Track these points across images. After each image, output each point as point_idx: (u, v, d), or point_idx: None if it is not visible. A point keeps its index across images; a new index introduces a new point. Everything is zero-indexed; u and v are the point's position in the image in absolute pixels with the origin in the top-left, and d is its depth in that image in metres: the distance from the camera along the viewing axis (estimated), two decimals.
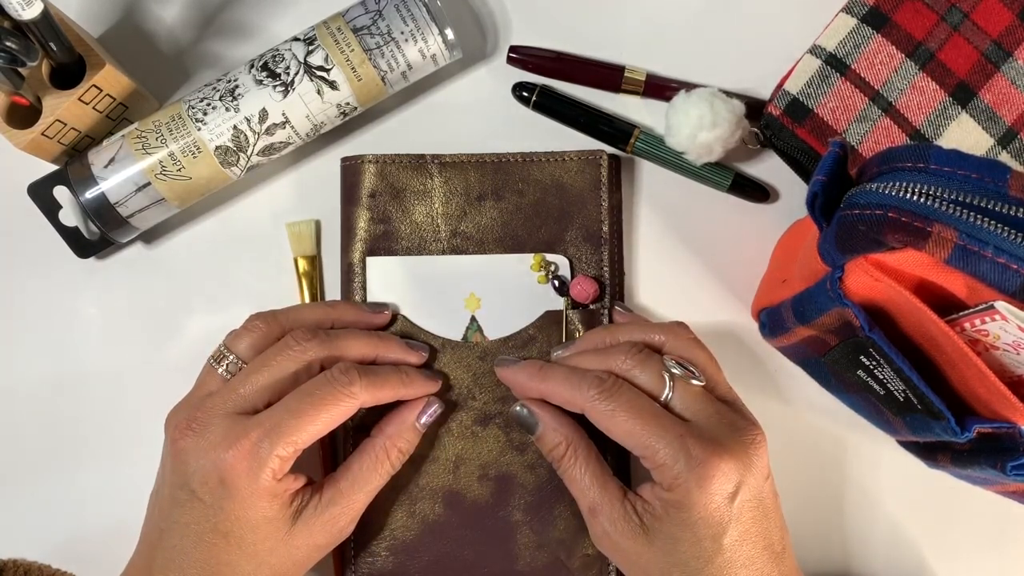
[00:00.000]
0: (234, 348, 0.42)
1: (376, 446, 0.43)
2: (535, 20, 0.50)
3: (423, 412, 0.44)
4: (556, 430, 0.42)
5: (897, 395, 0.37)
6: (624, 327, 0.43)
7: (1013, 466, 0.35)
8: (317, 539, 0.40)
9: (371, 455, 0.42)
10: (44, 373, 0.49)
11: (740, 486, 0.37)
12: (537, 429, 0.42)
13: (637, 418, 0.38)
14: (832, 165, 0.35)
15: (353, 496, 0.41)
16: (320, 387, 0.40)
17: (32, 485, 0.48)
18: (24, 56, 0.40)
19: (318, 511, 0.40)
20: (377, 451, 0.43)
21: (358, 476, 0.42)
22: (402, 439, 0.43)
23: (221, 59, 0.50)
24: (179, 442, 0.39)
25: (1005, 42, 0.45)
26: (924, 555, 0.47)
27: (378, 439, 0.43)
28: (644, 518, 0.39)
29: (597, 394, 0.39)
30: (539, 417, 0.42)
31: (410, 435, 0.44)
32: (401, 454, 0.43)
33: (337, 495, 0.41)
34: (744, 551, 0.38)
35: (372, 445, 0.43)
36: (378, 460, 0.42)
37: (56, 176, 0.46)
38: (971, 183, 0.32)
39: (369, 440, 0.43)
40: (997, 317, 0.32)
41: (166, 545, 0.39)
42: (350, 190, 0.48)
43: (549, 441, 0.42)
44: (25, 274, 0.49)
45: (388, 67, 0.46)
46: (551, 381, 0.41)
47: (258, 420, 0.39)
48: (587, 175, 0.47)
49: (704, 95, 0.46)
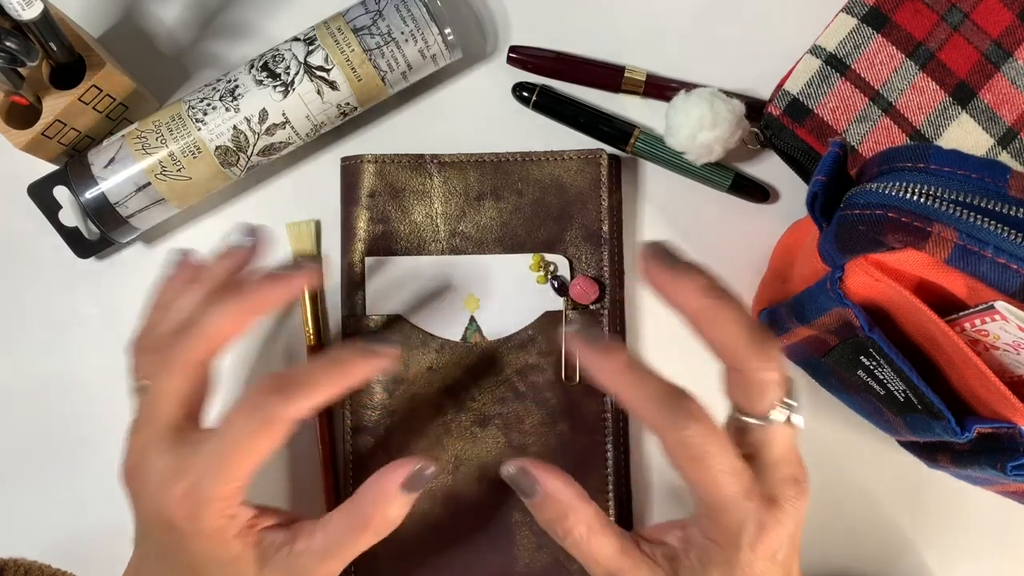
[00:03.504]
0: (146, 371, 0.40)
1: (354, 514, 0.38)
2: (535, 20, 0.50)
3: (404, 480, 0.38)
4: (559, 501, 0.36)
5: (897, 395, 0.37)
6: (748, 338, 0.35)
7: (1013, 466, 0.35)
8: None
9: (349, 521, 0.38)
10: (44, 373, 0.49)
11: (785, 542, 0.35)
12: (535, 496, 0.37)
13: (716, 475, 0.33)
14: (832, 165, 0.35)
15: (325, 558, 0.37)
16: (235, 421, 0.36)
17: (32, 485, 0.48)
18: (24, 56, 0.40)
19: (288, 562, 0.37)
20: (355, 520, 0.38)
21: (333, 539, 0.37)
22: (385, 514, 0.38)
23: (221, 59, 0.50)
24: (128, 487, 0.38)
25: (1005, 42, 0.45)
26: (924, 555, 0.47)
27: (358, 509, 0.38)
28: (673, 568, 0.36)
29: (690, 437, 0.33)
30: (542, 483, 0.37)
31: (392, 504, 0.38)
32: (386, 522, 0.38)
33: (308, 552, 0.37)
34: None
35: (353, 513, 0.38)
36: (358, 528, 0.37)
37: (56, 176, 0.46)
38: (971, 183, 0.32)
39: (351, 504, 0.38)
40: (997, 317, 0.32)
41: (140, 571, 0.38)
42: (350, 190, 0.48)
43: (551, 512, 0.36)
44: (25, 274, 0.49)
45: (388, 67, 0.46)
46: (636, 396, 0.35)
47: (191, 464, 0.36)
48: (587, 175, 0.47)
49: (704, 95, 0.46)
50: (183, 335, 0.38)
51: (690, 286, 0.34)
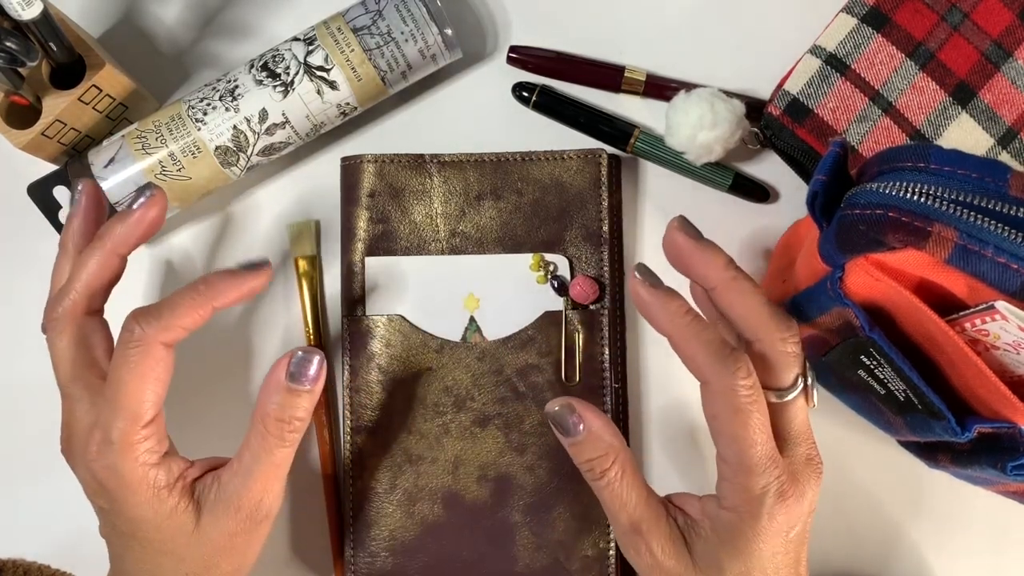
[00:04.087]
0: None
1: (256, 424, 0.39)
2: (535, 20, 0.50)
3: (288, 365, 0.38)
4: (601, 440, 0.37)
5: (897, 395, 0.37)
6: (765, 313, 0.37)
7: (1013, 466, 0.35)
8: (226, 525, 0.38)
9: (254, 434, 0.39)
10: (44, 373, 0.49)
11: (799, 521, 0.36)
12: (577, 435, 0.38)
13: (753, 432, 0.35)
14: (832, 165, 0.35)
15: (248, 478, 0.38)
16: (116, 359, 0.38)
17: (32, 485, 0.48)
18: (24, 56, 0.40)
19: (218, 497, 0.38)
20: (258, 429, 0.39)
21: (247, 457, 0.39)
22: (274, 405, 0.38)
23: (221, 59, 0.50)
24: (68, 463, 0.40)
25: (1005, 42, 0.45)
26: (924, 555, 0.47)
27: (256, 416, 0.39)
28: (688, 535, 0.37)
29: (741, 386, 0.34)
30: (585, 422, 0.37)
31: (283, 398, 0.38)
32: (284, 423, 0.38)
33: (232, 478, 0.38)
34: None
35: (253, 422, 0.39)
36: (262, 438, 0.38)
37: (56, 176, 0.46)
38: (971, 183, 0.32)
39: (254, 415, 0.39)
40: (997, 317, 0.32)
41: (112, 556, 0.40)
42: (350, 190, 0.48)
43: (592, 451, 0.37)
44: (25, 274, 0.49)
45: (388, 67, 0.46)
46: (693, 342, 0.36)
47: (94, 417, 0.38)
48: (587, 174, 0.47)
49: (704, 95, 0.46)
50: (58, 295, 0.39)
51: (716, 260, 0.37)
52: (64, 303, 0.39)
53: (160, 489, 0.38)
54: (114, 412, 0.37)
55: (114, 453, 0.37)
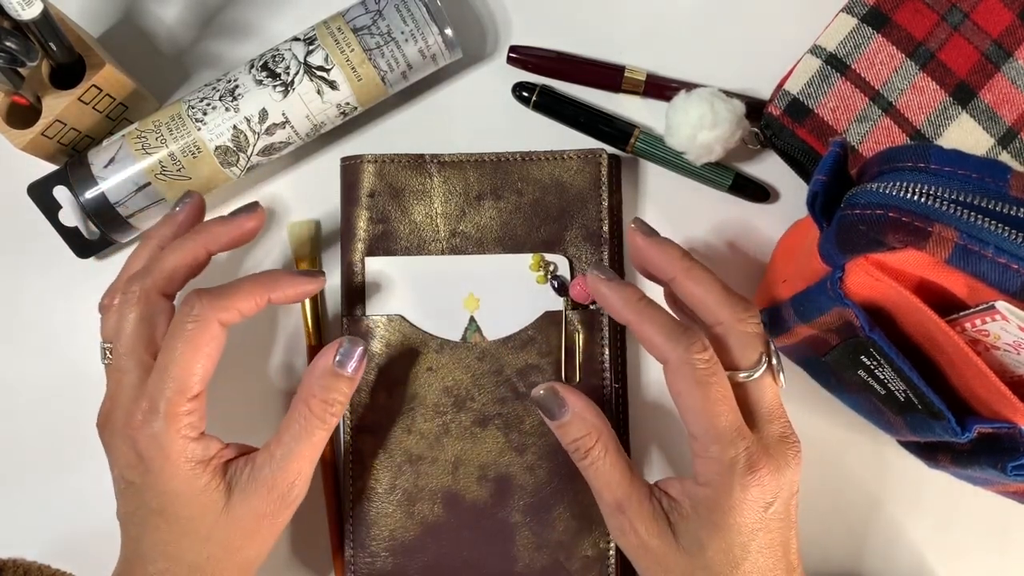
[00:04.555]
0: (106, 338, 0.41)
1: (296, 401, 0.40)
2: (535, 20, 0.50)
3: (336, 353, 0.40)
4: (584, 420, 0.39)
5: (898, 395, 0.37)
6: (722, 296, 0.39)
7: (1013, 466, 0.35)
8: (257, 506, 0.39)
9: (296, 414, 0.40)
10: (44, 373, 0.49)
11: (777, 497, 0.37)
12: (563, 416, 0.40)
13: (716, 403, 0.36)
14: (832, 165, 0.35)
15: (286, 458, 0.39)
16: (172, 331, 0.39)
17: (32, 485, 0.48)
18: (24, 56, 0.40)
19: (252, 477, 0.39)
20: (299, 406, 0.40)
21: (287, 437, 0.40)
22: (319, 387, 0.40)
23: (221, 59, 0.50)
24: (101, 438, 0.40)
25: (1005, 42, 0.45)
26: (924, 555, 0.47)
27: (299, 397, 0.40)
28: (671, 516, 0.38)
29: (697, 359, 0.36)
30: (568, 403, 0.40)
31: (328, 381, 0.40)
32: (327, 405, 0.40)
33: (269, 460, 0.39)
34: (766, 561, 0.37)
35: (295, 402, 0.40)
36: (302, 416, 0.40)
37: (56, 176, 0.46)
38: (971, 183, 0.32)
39: (294, 400, 0.41)
40: (997, 317, 0.32)
41: (128, 538, 0.40)
42: (350, 190, 0.48)
43: (575, 431, 0.39)
44: (25, 274, 0.49)
45: (388, 67, 0.46)
46: (648, 323, 0.38)
47: (142, 390, 0.39)
48: (587, 174, 0.47)
49: (704, 95, 0.46)
50: (140, 272, 0.41)
51: (670, 252, 0.40)
52: (145, 280, 0.40)
53: (196, 464, 0.38)
54: (164, 382, 0.38)
55: (159, 422, 0.38)
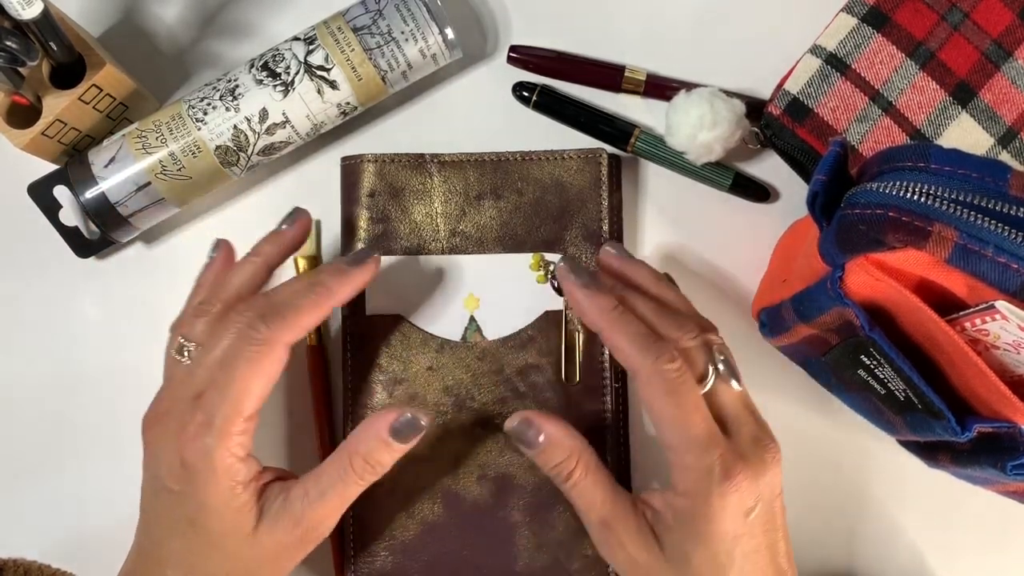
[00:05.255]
0: (191, 335, 0.41)
1: (342, 450, 0.40)
2: (535, 20, 0.50)
3: (393, 422, 0.40)
4: (561, 444, 0.39)
5: (897, 394, 0.37)
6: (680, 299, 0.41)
7: (1013, 466, 0.35)
8: (281, 538, 0.39)
9: (338, 463, 0.40)
10: (44, 373, 0.49)
11: (757, 501, 0.37)
12: (539, 445, 0.39)
13: (687, 413, 0.36)
14: (832, 164, 0.35)
15: (317, 501, 0.39)
16: (238, 349, 0.38)
17: (32, 485, 0.48)
18: (24, 56, 0.40)
19: (283, 508, 0.39)
20: (343, 461, 0.40)
21: (323, 481, 0.40)
22: (367, 450, 0.40)
23: (221, 59, 0.50)
24: (147, 434, 0.40)
25: (1005, 42, 0.45)
26: (924, 555, 0.47)
27: (347, 450, 0.40)
28: (656, 528, 0.38)
29: (667, 370, 0.37)
30: (543, 431, 0.39)
31: (377, 447, 0.40)
32: (369, 467, 0.40)
33: (303, 496, 0.39)
34: (753, 567, 0.37)
35: (342, 453, 0.40)
36: (344, 470, 0.40)
37: (56, 176, 0.46)
38: (971, 182, 0.32)
39: (341, 447, 0.40)
40: (997, 317, 0.32)
41: (150, 540, 0.40)
42: (350, 190, 0.48)
43: (554, 456, 0.39)
44: (25, 274, 0.49)
45: (388, 67, 0.46)
46: (620, 333, 0.38)
47: (201, 403, 0.39)
48: (587, 174, 0.47)
49: (704, 95, 0.46)
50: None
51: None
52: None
53: (237, 483, 0.38)
54: (223, 399, 0.38)
55: (212, 437, 0.38)
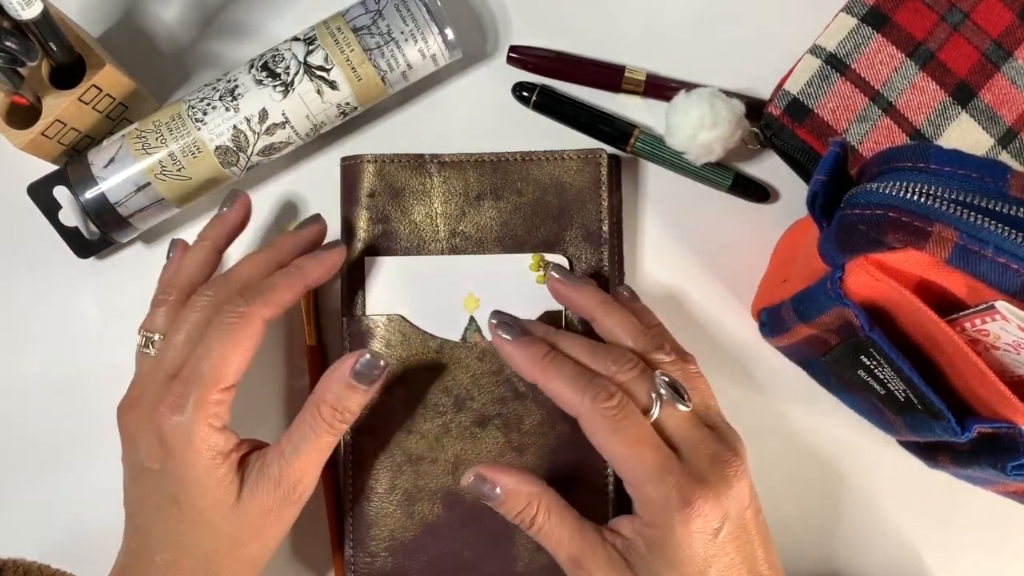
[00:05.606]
0: (153, 327, 0.42)
1: (309, 402, 0.41)
2: (535, 20, 0.50)
3: (353, 365, 0.40)
4: (519, 493, 0.39)
5: (897, 395, 0.37)
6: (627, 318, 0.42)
7: (1013, 466, 0.35)
8: (263, 501, 0.40)
9: (307, 416, 0.40)
10: (44, 373, 0.49)
11: (724, 521, 0.37)
12: (496, 497, 0.40)
13: (634, 446, 0.37)
14: (832, 165, 0.35)
15: (292, 456, 0.40)
16: (217, 319, 0.40)
17: (32, 485, 0.48)
18: (24, 56, 0.40)
19: (261, 472, 0.40)
20: (312, 412, 0.40)
21: (295, 437, 0.40)
22: (334, 397, 0.40)
23: (221, 59, 0.50)
24: (122, 421, 0.41)
25: (1005, 42, 0.45)
26: (924, 555, 0.47)
27: (313, 401, 0.41)
28: (628, 556, 0.38)
29: (605, 409, 0.37)
30: (499, 484, 0.40)
31: (342, 392, 0.40)
32: (338, 413, 0.40)
33: (279, 456, 0.40)
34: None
35: (308, 405, 0.41)
36: (314, 421, 0.40)
37: (56, 176, 0.46)
38: (971, 183, 0.32)
39: (308, 400, 0.41)
40: (997, 317, 0.32)
41: (136, 529, 0.40)
42: (350, 190, 0.48)
43: (515, 506, 0.39)
44: (25, 274, 0.49)
45: (388, 67, 0.46)
46: (555, 379, 0.39)
47: (177, 378, 0.39)
48: (587, 174, 0.47)
49: (704, 95, 0.46)
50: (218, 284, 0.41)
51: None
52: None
53: (216, 454, 0.39)
54: (199, 371, 0.39)
55: (188, 409, 0.38)
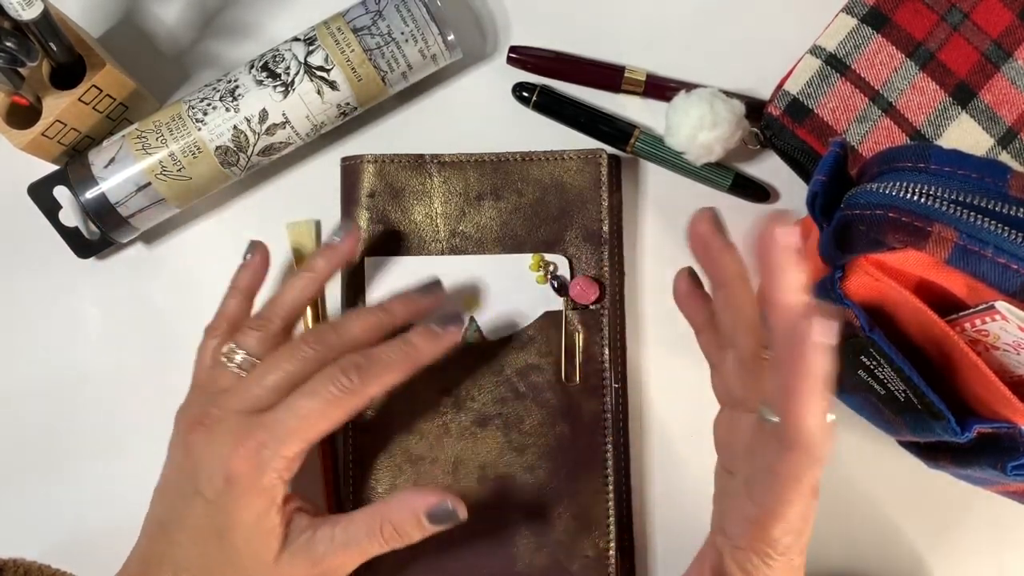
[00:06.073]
0: (244, 345, 0.42)
1: (376, 517, 0.40)
2: (535, 20, 0.50)
3: (431, 507, 0.40)
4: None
5: (897, 395, 0.37)
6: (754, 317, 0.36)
7: (1013, 466, 0.35)
8: (298, 570, 0.39)
9: (369, 521, 0.40)
10: (44, 373, 0.49)
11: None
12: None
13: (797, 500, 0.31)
14: (832, 165, 0.35)
15: (340, 548, 0.40)
16: (322, 387, 0.39)
17: (32, 485, 0.48)
18: (24, 56, 0.40)
19: (307, 544, 0.39)
20: (375, 522, 0.40)
21: (351, 532, 0.40)
22: (399, 521, 0.40)
23: (221, 59, 0.50)
24: (189, 436, 0.40)
25: (1005, 42, 0.45)
26: (923, 555, 0.47)
27: (381, 513, 0.40)
28: None
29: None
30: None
31: (409, 522, 0.40)
32: (396, 536, 0.40)
33: (329, 539, 0.40)
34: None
35: (375, 514, 0.40)
36: (372, 531, 0.40)
37: (56, 176, 0.46)
38: (971, 183, 0.32)
39: (375, 507, 0.41)
40: (997, 317, 0.32)
41: (167, 539, 0.39)
42: (350, 190, 0.48)
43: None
44: (25, 274, 0.49)
45: (388, 67, 0.46)
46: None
47: (263, 421, 0.39)
48: (587, 174, 0.47)
49: (704, 95, 0.46)
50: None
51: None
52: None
53: (273, 504, 0.39)
54: (288, 426, 0.39)
55: (266, 458, 0.38)
